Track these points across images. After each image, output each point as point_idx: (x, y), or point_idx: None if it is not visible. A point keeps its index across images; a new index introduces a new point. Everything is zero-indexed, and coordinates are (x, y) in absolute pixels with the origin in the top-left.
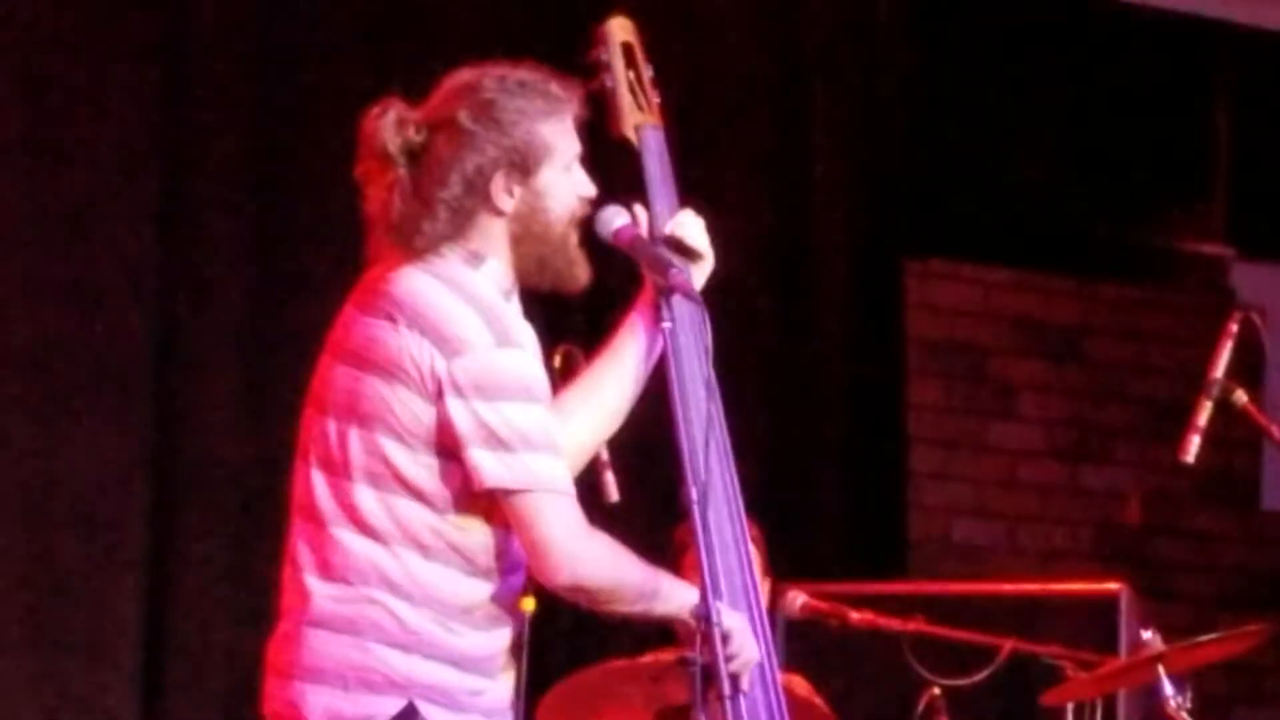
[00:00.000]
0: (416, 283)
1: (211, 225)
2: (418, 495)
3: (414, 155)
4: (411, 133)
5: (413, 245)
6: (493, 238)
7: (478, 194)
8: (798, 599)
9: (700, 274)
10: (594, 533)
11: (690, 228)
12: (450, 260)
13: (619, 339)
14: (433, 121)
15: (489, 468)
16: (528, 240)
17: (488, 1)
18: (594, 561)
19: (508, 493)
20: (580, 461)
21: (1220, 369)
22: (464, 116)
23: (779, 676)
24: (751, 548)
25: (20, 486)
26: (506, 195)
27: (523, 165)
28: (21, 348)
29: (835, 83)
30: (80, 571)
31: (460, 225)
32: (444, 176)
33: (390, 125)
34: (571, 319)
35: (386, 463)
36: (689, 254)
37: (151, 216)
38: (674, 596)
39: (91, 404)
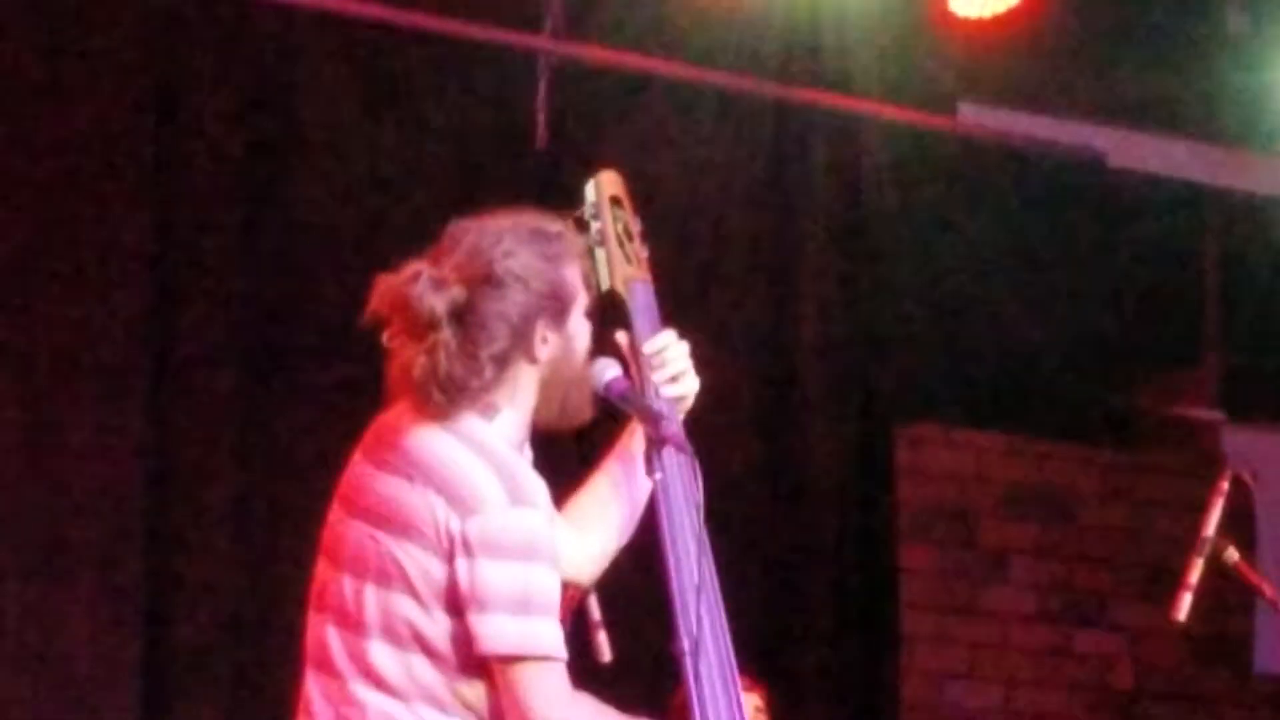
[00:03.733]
0: (433, 441)
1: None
2: (432, 654)
3: (458, 315)
4: (456, 292)
5: (456, 401)
6: (520, 386)
7: (521, 343)
8: None
9: (686, 400)
10: (577, 703)
11: (673, 354)
12: (466, 415)
13: (622, 448)
14: (470, 279)
15: (484, 632)
16: (555, 384)
17: (477, 154)
18: None
19: (499, 658)
20: (596, 570)
21: (1211, 527)
22: (501, 269)
23: None
24: (760, 716)
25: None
26: (543, 342)
27: (559, 310)
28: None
29: (824, 248)
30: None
31: (499, 377)
32: (492, 331)
33: (431, 288)
34: (562, 453)
35: (403, 621)
36: (677, 378)
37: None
38: None
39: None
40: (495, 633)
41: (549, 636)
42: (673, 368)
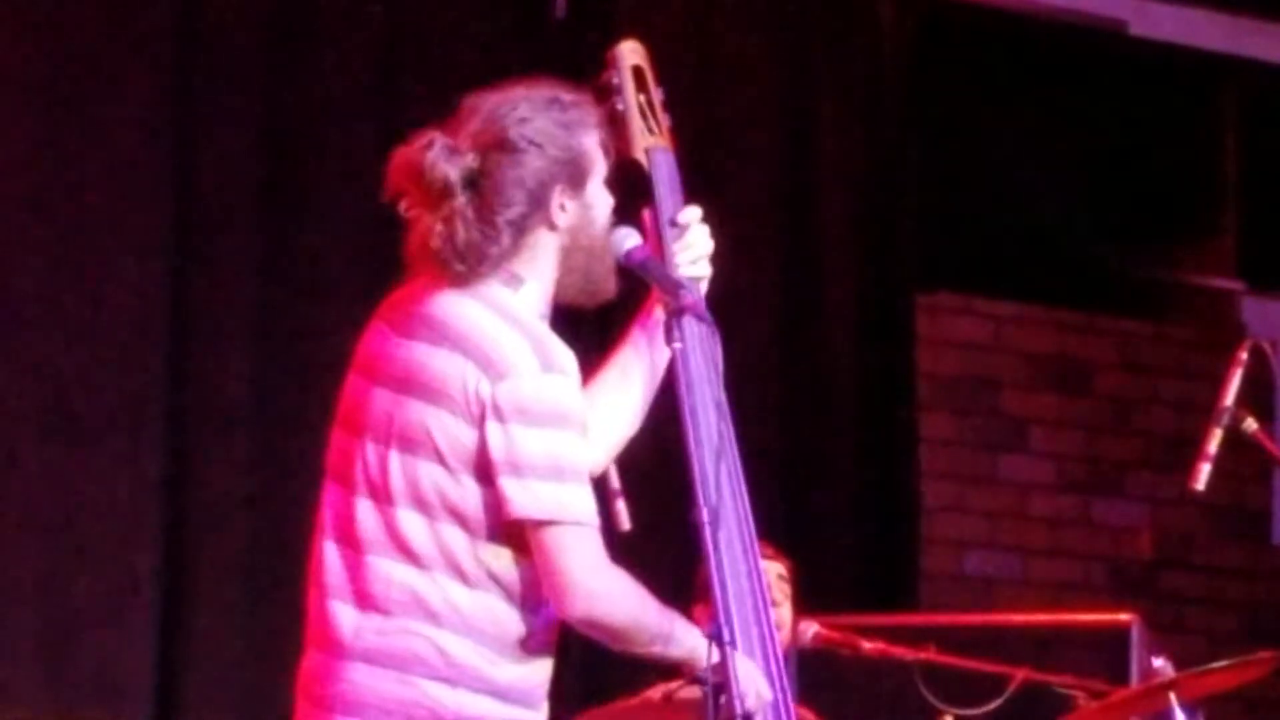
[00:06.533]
0: (461, 307)
1: (221, 250)
2: (460, 520)
3: (473, 182)
4: (470, 159)
5: (477, 271)
6: (541, 254)
7: (539, 209)
8: (810, 629)
9: (702, 279)
10: (614, 569)
11: (696, 233)
12: (490, 284)
13: (634, 334)
14: (485, 146)
15: (517, 497)
16: (576, 252)
17: (496, 26)
18: (610, 598)
19: (533, 523)
20: (606, 460)
21: (1230, 397)
22: (515, 134)
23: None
24: (782, 583)
25: (33, 519)
26: (561, 209)
27: (577, 177)
28: (34, 379)
29: (844, 116)
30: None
31: (518, 244)
32: (508, 196)
33: (444, 156)
34: (586, 332)
35: (431, 488)
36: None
37: (160, 243)
38: (686, 641)
39: (104, 435)
40: (529, 498)
41: (581, 502)
42: (694, 249)
